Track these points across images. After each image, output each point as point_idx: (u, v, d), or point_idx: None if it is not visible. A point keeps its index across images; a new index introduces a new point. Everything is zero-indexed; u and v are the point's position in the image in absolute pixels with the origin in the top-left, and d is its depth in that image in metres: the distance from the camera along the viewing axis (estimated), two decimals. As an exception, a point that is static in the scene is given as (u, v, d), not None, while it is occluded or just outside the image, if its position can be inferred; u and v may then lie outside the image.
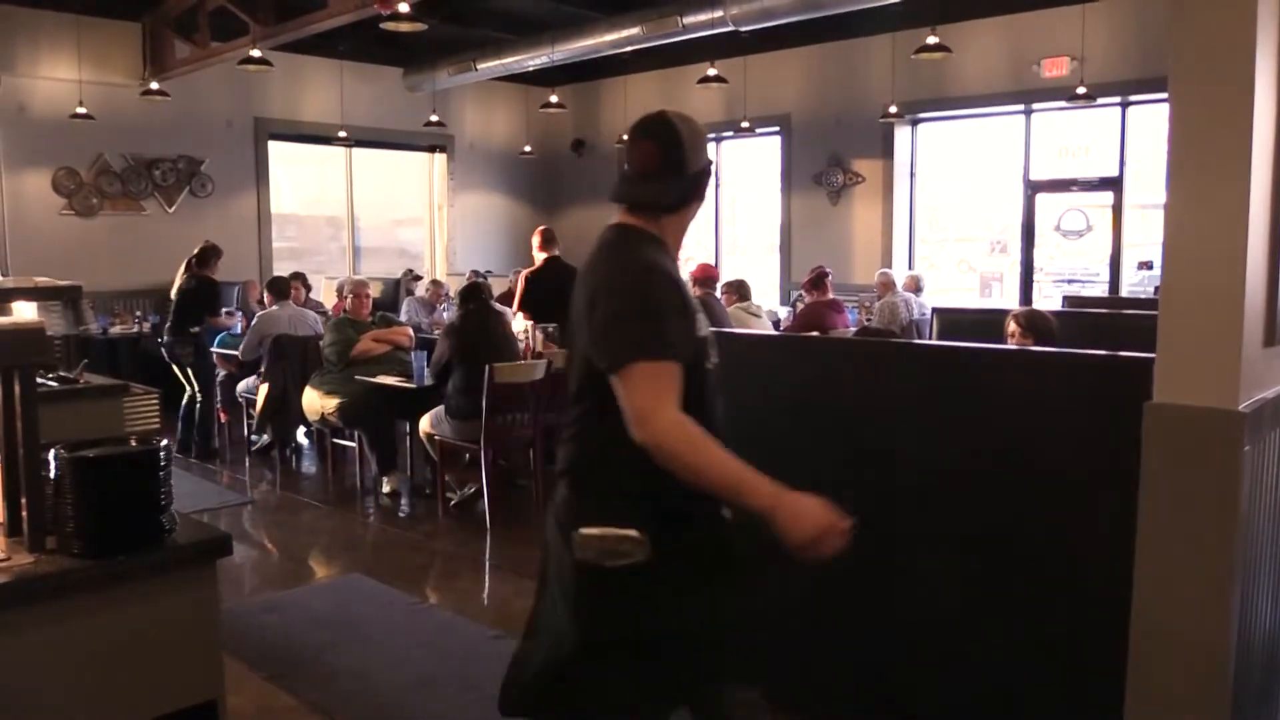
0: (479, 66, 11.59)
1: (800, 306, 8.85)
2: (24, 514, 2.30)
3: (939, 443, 3.16)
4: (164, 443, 2.41)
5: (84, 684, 2.22)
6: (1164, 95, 2.47)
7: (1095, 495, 2.82)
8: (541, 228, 7.68)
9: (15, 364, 2.25)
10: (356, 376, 6.75)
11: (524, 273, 7.64)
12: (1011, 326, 4.54)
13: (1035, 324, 4.52)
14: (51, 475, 2.28)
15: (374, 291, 7.83)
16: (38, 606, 2.16)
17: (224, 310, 8.78)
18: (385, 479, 6.80)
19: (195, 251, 8.22)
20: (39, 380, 4.82)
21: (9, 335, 2.23)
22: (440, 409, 6.31)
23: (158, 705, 2.32)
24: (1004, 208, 11.26)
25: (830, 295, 8.16)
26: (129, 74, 10.51)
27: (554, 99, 11.80)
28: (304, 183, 13.14)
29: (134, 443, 2.39)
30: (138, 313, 10.28)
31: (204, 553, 2.40)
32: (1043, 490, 2.94)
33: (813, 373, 3.57)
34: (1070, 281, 10.78)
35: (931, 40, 8.43)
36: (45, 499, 2.28)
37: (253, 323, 7.91)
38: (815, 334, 7.23)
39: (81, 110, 9.94)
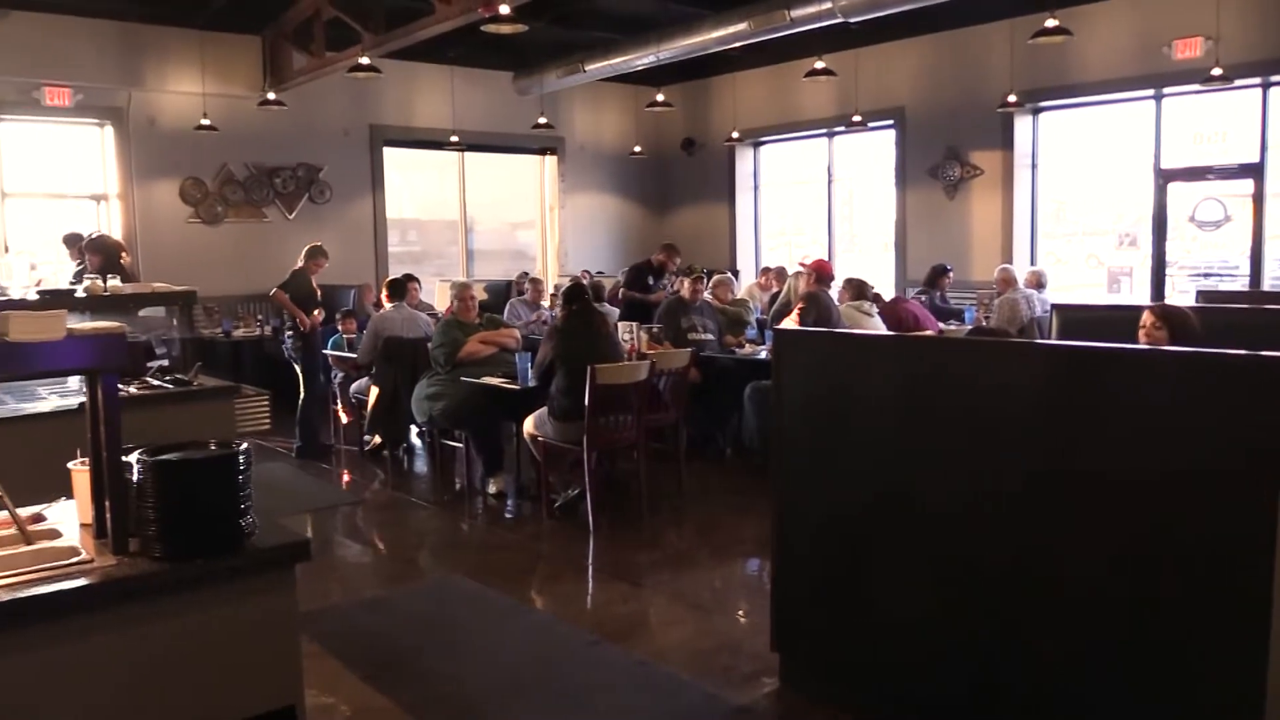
0: (587, 68, 11.60)
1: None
2: (108, 516, 2.32)
3: (1060, 448, 2.96)
4: (244, 446, 2.40)
5: (163, 686, 2.22)
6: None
7: (1235, 506, 2.59)
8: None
9: (98, 368, 2.27)
10: (463, 378, 6.79)
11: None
12: (1147, 320, 4.24)
13: (1173, 319, 4.21)
14: (135, 478, 2.29)
15: (479, 294, 7.87)
16: (118, 608, 2.18)
17: (341, 313, 9.00)
18: (491, 480, 6.82)
19: None
20: (156, 382, 4.99)
21: (90, 341, 2.24)
22: (544, 410, 6.29)
23: (236, 709, 2.32)
24: (1134, 199, 10.70)
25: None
26: (250, 86, 10.85)
27: (661, 98, 11.72)
28: (424, 187, 13.40)
29: (213, 446, 2.39)
30: (259, 316, 10.60)
31: (283, 557, 2.39)
32: (1176, 500, 2.71)
33: (921, 373, 3.39)
34: (1207, 275, 10.17)
35: (1051, 24, 8.03)
36: (129, 502, 2.30)
37: (368, 324, 8.04)
38: (927, 333, 6.99)
39: (205, 122, 10.31)
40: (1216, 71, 8.61)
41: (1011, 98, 9.87)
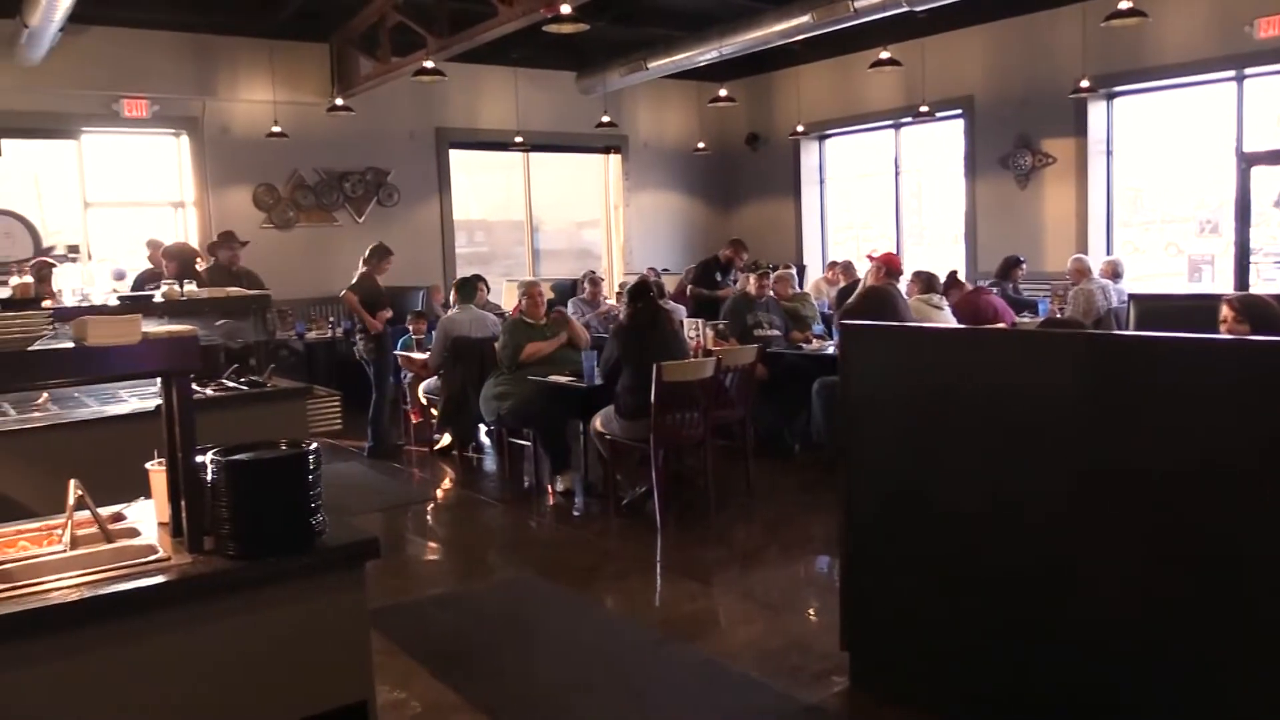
0: (649, 65, 11.59)
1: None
2: (184, 515, 2.37)
3: (1134, 443, 2.86)
4: (314, 446, 2.43)
5: (236, 681, 2.26)
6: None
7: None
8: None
9: (172, 370, 2.32)
10: (529, 377, 6.83)
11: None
12: (1225, 311, 4.12)
13: (1253, 309, 4.07)
14: (209, 478, 2.34)
15: (547, 292, 7.90)
16: (193, 604, 2.22)
17: (411, 314, 9.12)
18: (559, 478, 6.84)
19: None
20: (231, 384, 5.10)
21: (164, 344, 2.29)
22: (611, 408, 6.29)
23: (309, 704, 2.35)
24: (1215, 184, 10.37)
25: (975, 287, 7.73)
26: (319, 93, 11.06)
27: (724, 93, 11.66)
28: (490, 188, 13.53)
29: (284, 446, 2.42)
30: (330, 318, 10.78)
31: (353, 555, 2.42)
32: (1255, 498, 2.61)
33: (992, 365, 3.32)
34: (1293, 262, 9.83)
35: (1125, 5, 7.81)
36: (204, 501, 2.34)
37: (436, 327, 8.11)
38: (1001, 326, 6.84)
39: (276, 129, 10.53)
40: (1302, 50, 8.31)
41: (1084, 83, 9.63)
